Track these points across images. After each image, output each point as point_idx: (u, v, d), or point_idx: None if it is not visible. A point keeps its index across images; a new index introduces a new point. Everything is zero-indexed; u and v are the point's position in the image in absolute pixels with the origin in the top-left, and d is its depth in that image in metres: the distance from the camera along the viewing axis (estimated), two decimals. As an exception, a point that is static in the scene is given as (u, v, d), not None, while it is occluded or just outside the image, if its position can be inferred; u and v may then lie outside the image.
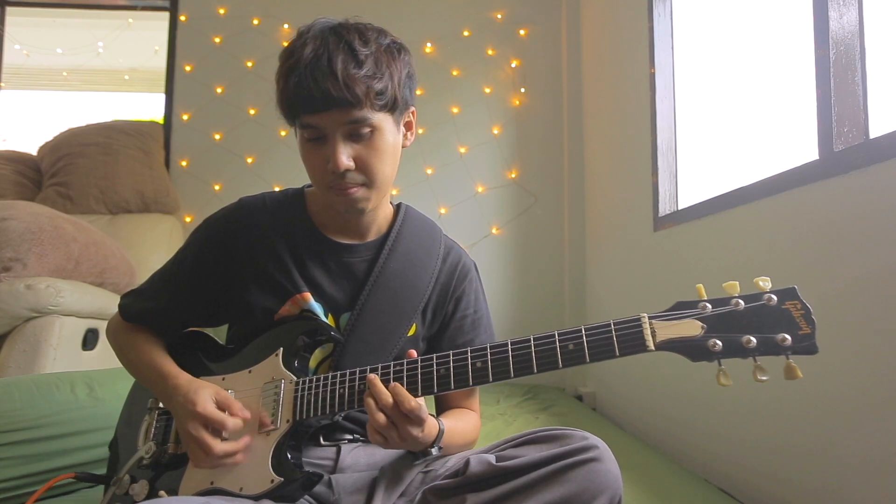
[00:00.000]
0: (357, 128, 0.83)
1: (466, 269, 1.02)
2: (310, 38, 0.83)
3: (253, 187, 3.21)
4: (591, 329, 0.72)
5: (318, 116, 0.82)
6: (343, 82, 0.79)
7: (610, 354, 0.71)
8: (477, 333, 1.00)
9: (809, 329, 0.66)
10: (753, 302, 0.69)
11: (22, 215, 2.02)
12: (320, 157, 0.84)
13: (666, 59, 2.25)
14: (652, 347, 0.69)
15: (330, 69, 0.79)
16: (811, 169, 1.36)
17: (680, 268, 1.98)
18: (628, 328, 0.71)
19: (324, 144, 0.84)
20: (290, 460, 0.82)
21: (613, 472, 0.74)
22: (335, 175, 0.84)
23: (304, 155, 0.87)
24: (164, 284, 0.98)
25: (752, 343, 0.67)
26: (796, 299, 0.68)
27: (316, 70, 0.80)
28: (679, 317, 0.70)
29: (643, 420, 2.25)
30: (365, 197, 0.87)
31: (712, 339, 0.68)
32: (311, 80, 0.79)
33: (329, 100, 0.80)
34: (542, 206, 3.31)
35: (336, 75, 0.79)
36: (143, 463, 0.90)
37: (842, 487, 1.21)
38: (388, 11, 3.33)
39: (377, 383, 0.77)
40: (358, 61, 0.81)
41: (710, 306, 0.70)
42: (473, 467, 0.76)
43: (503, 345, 0.76)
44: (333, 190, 0.86)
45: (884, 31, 1.32)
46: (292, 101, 0.82)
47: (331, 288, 0.93)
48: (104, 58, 4.21)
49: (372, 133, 0.84)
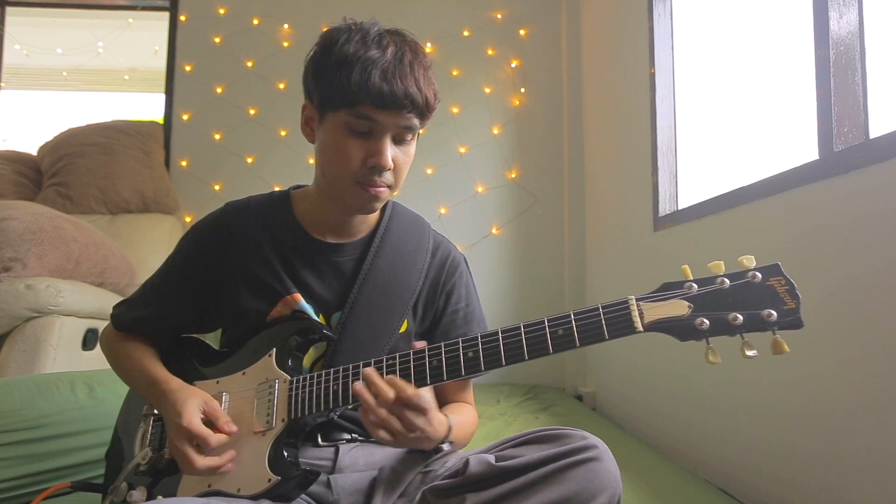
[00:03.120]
0: (405, 133, 0.86)
1: (456, 263, 1.02)
2: (385, 39, 0.84)
3: (253, 187, 3.24)
4: (579, 313, 0.73)
5: (383, 113, 0.83)
6: (423, 91, 0.84)
7: (599, 338, 0.71)
8: (470, 328, 1.00)
9: (794, 304, 0.67)
10: (738, 280, 0.69)
11: (22, 215, 2.02)
12: (361, 149, 0.85)
13: (666, 59, 2.25)
14: (640, 329, 0.70)
15: (412, 72, 0.83)
16: (811, 169, 1.36)
17: (680, 268, 1.98)
18: (616, 311, 0.71)
19: (367, 139, 0.84)
20: (287, 459, 0.82)
21: (613, 472, 0.74)
22: (372, 170, 0.85)
23: (340, 143, 0.85)
24: (154, 292, 0.99)
25: (738, 320, 0.67)
26: (780, 275, 0.69)
27: (401, 71, 0.82)
28: (666, 297, 0.71)
29: (643, 420, 2.25)
30: (385, 198, 0.90)
31: (699, 318, 0.68)
32: (392, 76, 0.81)
33: (400, 101, 0.82)
34: (542, 206, 3.31)
35: (417, 79, 0.83)
36: (140, 469, 0.89)
37: (842, 487, 1.21)
38: (388, 11, 3.33)
39: (374, 377, 0.77)
40: (429, 77, 0.86)
41: (696, 286, 0.70)
42: (473, 467, 0.76)
43: (493, 333, 0.76)
44: (361, 185, 0.86)
45: (884, 31, 1.32)
46: (362, 90, 0.81)
47: (320, 288, 0.93)
48: (104, 58, 4.21)
49: (411, 140, 0.88)
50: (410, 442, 0.79)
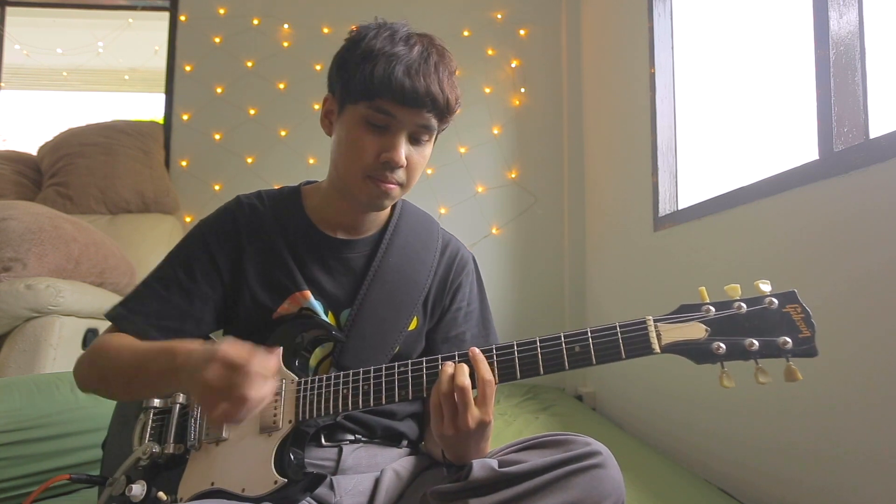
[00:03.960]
0: (422, 132, 0.86)
1: (464, 261, 1.02)
2: (413, 39, 0.85)
3: (253, 187, 3.19)
4: (596, 331, 0.73)
5: (402, 109, 0.82)
6: (445, 91, 0.83)
7: (616, 357, 0.71)
8: (469, 326, 0.99)
9: (809, 332, 0.68)
10: (755, 305, 0.70)
11: (22, 215, 2.02)
12: (375, 143, 0.84)
13: (666, 59, 2.25)
14: (658, 350, 0.70)
15: (436, 72, 0.83)
16: (811, 169, 1.36)
17: (680, 268, 1.98)
18: (634, 331, 0.71)
19: (383, 134, 0.84)
20: (294, 461, 0.81)
21: (617, 479, 0.74)
22: (384, 166, 0.84)
23: (355, 136, 0.85)
24: (165, 290, 0.91)
25: (754, 346, 0.68)
26: (796, 303, 0.69)
27: (426, 69, 0.82)
28: (683, 319, 0.71)
29: (643, 420, 2.25)
30: (395, 196, 0.89)
31: (716, 342, 0.69)
32: (416, 73, 0.81)
33: (420, 98, 0.82)
34: (542, 206, 3.31)
35: (440, 79, 0.83)
36: (141, 464, 0.88)
37: (842, 487, 1.21)
38: (388, 12, 3.29)
39: (480, 357, 0.75)
40: (453, 81, 0.86)
41: (713, 309, 0.71)
42: (476, 472, 0.76)
43: (509, 346, 0.76)
44: (372, 179, 0.86)
45: (884, 31, 1.32)
46: (384, 84, 0.81)
47: (330, 285, 0.92)
48: (104, 58, 4.21)
49: (427, 141, 0.87)
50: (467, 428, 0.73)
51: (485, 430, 0.75)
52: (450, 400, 0.73)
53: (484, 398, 0.73)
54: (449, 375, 0.74)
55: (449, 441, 0.77)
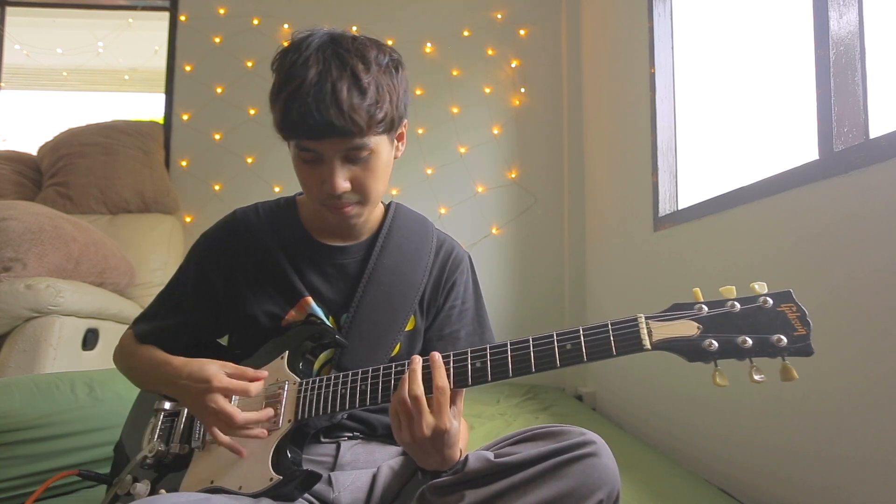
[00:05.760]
0: (356, 153, 0.84)
1: (459, 259, 1.03)
2: (311, 59, 0.80)
3: (253, 187, 3.24)
4: (588, 330, 0.73)
5: (318, 143, 0.82)
6: (347, 114, 0.78)
7: (607, 354, 0.71)
8: (463, 325, 1.00)
9: (805, 330, 0.67)
10: (749, 304, 0.69)
11: (22, 215, 2.02)
12: (316, 176, 0.85)
13: (666, 59, 2.25)
14: (648, 346, 0.70)
15: (334, 99, 0.78)
16: (811, 169, 1.36)
17: (680, 268, 1.98)
18: (625, 328, 0.71)
19: (320, 165, 0.84)
20: (290, 459, 0.83)
21: (611, 468, 0.74)
22: (331, 195, 0.85)
23: (300, 172, 0.88)
24: (171, 303, 1.00)
25: (747, 343, 0.67)
26: (791, 302, 0.68)
27: (319, 98, 0.78)
28: (675, 317, 0.71)
29: (643, 420, 2.25)
30: (358, 213, 0.90)
31: (708, 339, 0.68)
32: (314, 108, 0.78)
33: (331, 129, 0.79)
34: (542, 206, 3.31)
35: (340, 106, 0.78)
36: (147, 463, 0.91)
37: (842, 487, 1.21)
38: (388, 12, 3.33)
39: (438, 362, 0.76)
40: (361, 90, 0.80)
41: (706, 308, 0.70)
42: (472, 464, 0.77)
43: (502, 346, 0.76)
44: (328, 207, 0.88)
45: (884, 31, 1.32)
46: (293, 125, 0.81)
47: (328, 290, 0.95)
48: (104, 58, 4.21)
49: (369, 155, 0.85)
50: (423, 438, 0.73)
51: (443, 438, 0.74)
52: (405, 407, 0.74)
53: (438, 405, 0.74)
54: (404, 382, 0.75)
55: (409, 448, 0.77)
